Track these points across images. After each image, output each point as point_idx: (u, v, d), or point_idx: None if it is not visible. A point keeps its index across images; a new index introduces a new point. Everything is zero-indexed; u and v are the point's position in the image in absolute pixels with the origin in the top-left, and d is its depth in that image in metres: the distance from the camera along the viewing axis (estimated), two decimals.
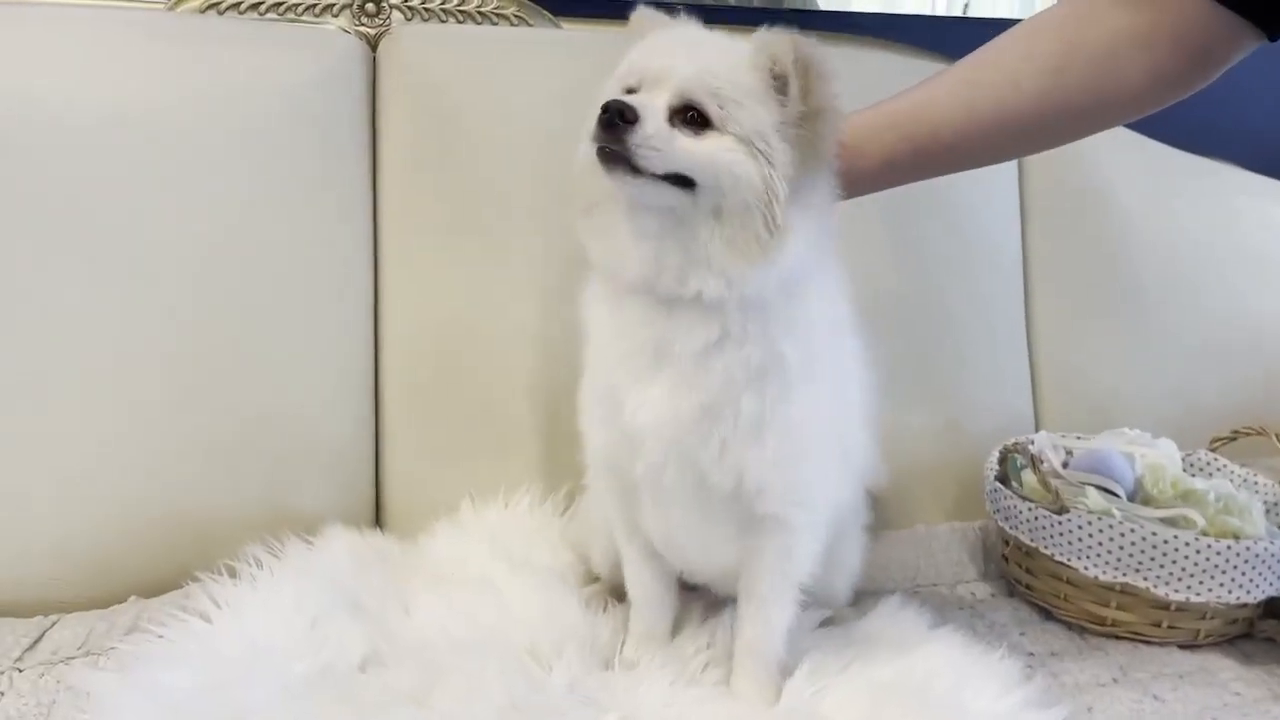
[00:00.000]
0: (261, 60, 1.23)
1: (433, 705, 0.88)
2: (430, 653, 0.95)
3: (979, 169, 1.24)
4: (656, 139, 0.76)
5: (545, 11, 1.38)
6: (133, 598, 1.07)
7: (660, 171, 0.77)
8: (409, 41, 1.29)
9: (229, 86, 1.19)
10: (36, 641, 1.00)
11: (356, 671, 0.92)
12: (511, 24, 1.36)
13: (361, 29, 1.30)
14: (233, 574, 1.00)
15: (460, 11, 1.35)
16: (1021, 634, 1.15)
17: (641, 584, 0.99)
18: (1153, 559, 1.06)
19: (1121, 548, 1.07)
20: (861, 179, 0.94)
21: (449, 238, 1.26)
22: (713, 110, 0.78)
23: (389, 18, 1.31)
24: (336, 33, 1.29)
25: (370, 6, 1.30)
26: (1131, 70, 0.91)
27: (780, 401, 0.84)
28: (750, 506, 0.88)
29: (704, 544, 0.95)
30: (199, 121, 1.17)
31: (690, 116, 0.78)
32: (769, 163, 0.78)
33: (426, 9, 1.33)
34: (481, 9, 1.35)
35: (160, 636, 0.92)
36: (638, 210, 0.81)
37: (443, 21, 1.34)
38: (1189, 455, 1.33)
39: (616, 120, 0.75)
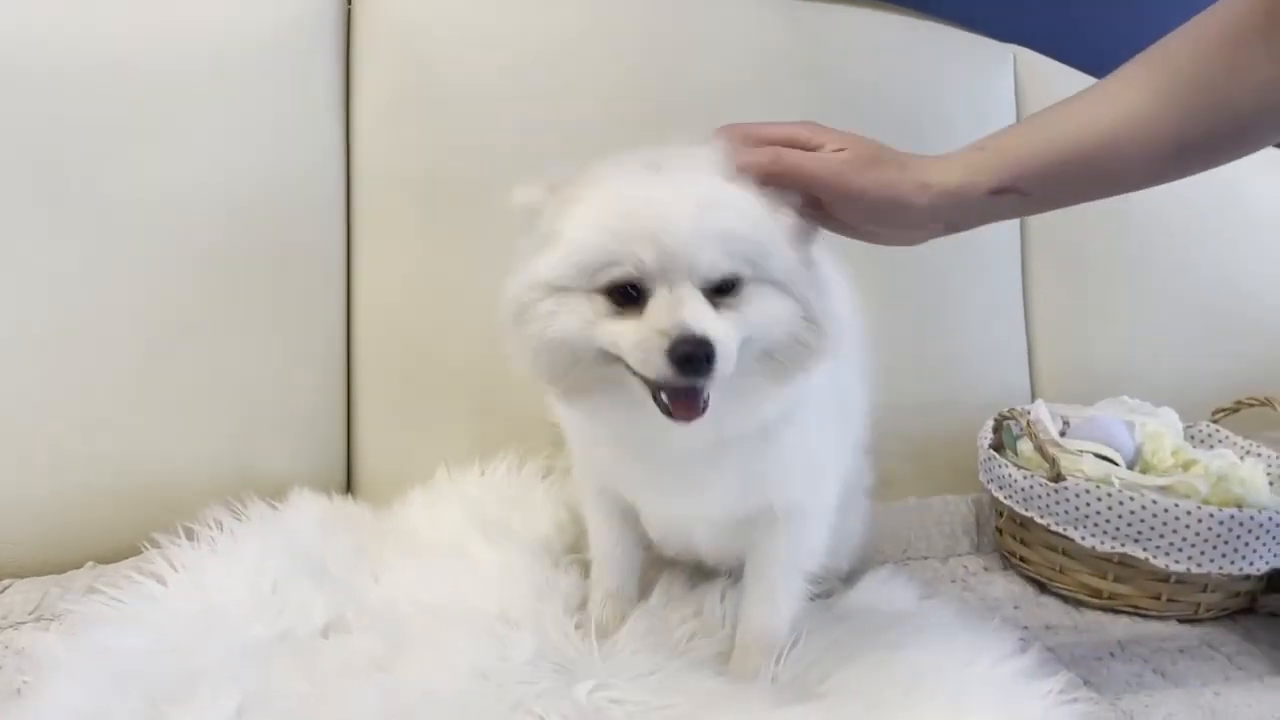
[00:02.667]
0: (233, 5, 1.17)
1: (397, 672, 0.84)
2: (397, 619, 0.91)
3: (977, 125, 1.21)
4: (729, 347, 0.68)
5: None
6: (90, 563, 1.03)
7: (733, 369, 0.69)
8: None
9: (198, 32, 1.14)
10: None
11: (318, 637, 0.88)
12: None
13: None
14: (190, 536, 0.96)
15: None
16: (1016, 607, 1.11)
17: (609, 544, 0.95)
18: (1152, 528, 1.02)
19: (1120, 516, 1.03)
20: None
21: (425, 192, 1.21)
22: (746, 274, 0.71)
23: None
24: None
25: None
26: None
27: (792, 426, 0.80)
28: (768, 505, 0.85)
29: (710, 535, 0.92)
30: (168, 68, 1.12)
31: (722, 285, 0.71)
32: (805, 289, 0.73)
33: None
34: None
35: (112, 599, 0.87)
36: None
37: None
38: (1191, 426, 1.29)
39: (701, 362, 0.67)
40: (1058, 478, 1.05)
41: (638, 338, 0.68)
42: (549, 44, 1.26)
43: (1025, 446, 1.14)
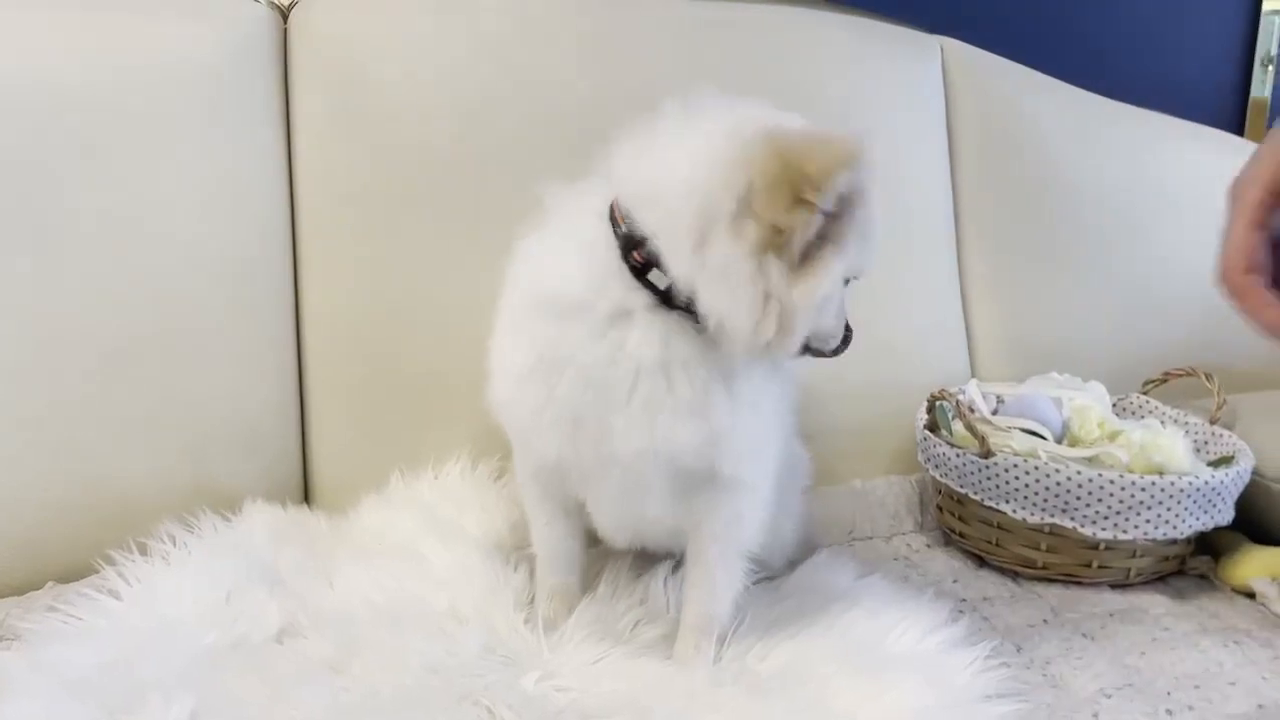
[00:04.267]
0: (172, 30, 1.19)
1: (350, 673, 0.87)
2: (350, 622, 0.94)
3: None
4: None
5: None
6: (50, 583, 1.05)
7: None
8: (321, 10, 1.27)
9: (138, 57, 1.16)
10: None
11: (273, 643, 0.91)
12: None
13: None
14: (144, 551, 0.98)
15: None
16: (955, 581, 1.15)
17: (554, 542, 0.98)
18: (1079, 499, 1.06)
19: (1048, 489, 1.06)
20: None
21: (368, 204, 1.24)
22: None
23: None
24: (247, 1, 1.26)
25: None
26: None
27: (746, 381, 0.84)
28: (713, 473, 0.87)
29: (655, 517, 0.93)
30: (108, 92, 1.13)
31: None
32: None
33: None
34: None
35: (67, 616, 0.89)
36: None
37: None
38: (1121, 399, 1.34)
39: None
40: (987, 454, 1.08)
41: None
42: (481, 51, 1.28)
43: (959, 426, 1.18)
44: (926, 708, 0.84)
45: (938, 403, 1.20)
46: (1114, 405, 1.30)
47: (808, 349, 0.85)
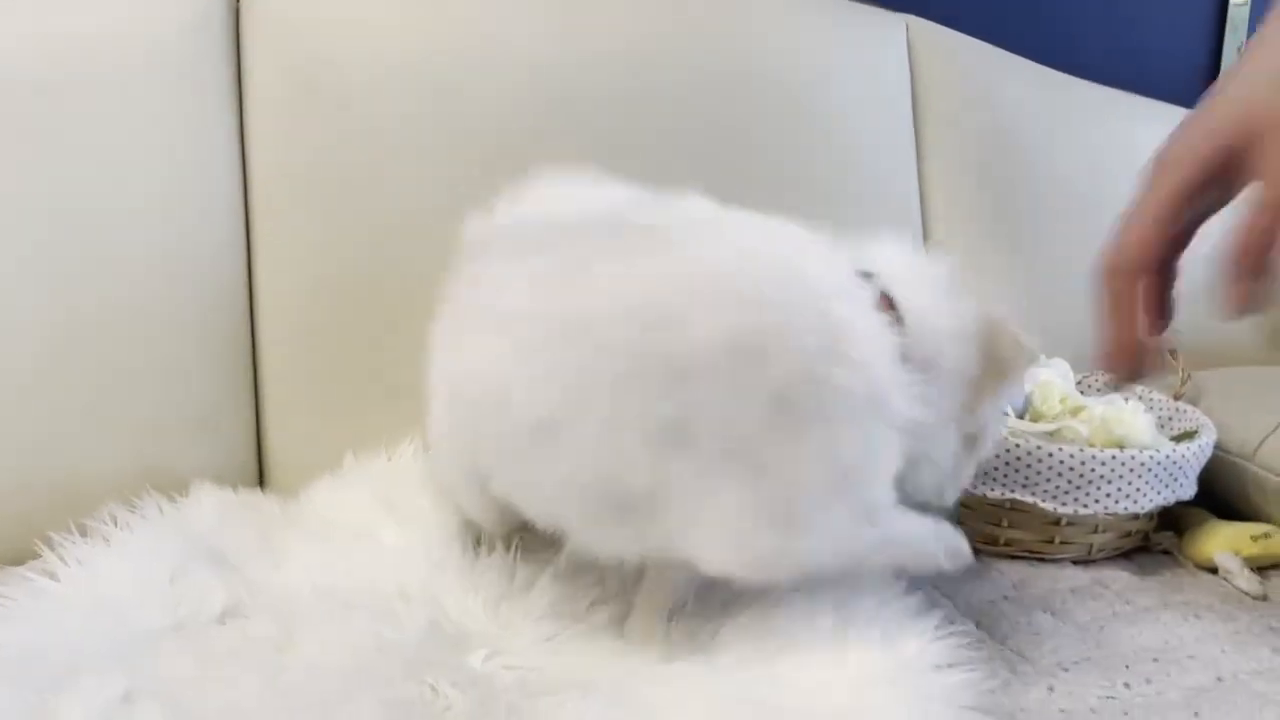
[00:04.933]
0: (120, 5, 1.18)
1: (293, 652, 0.85)
2: (296, 603, 0.92)
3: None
4: None
5: None
6: None
7: None
8: None
9: (83, 33, 1.14)
10: None
11: (214, 624, 0.89)
12: None
13: None
14: (85, 533, 0.96)
15: None
16: None
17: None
18: (1039, 473, 1.05)
19: (1008, 464, 1.05)
20: None
21: (322, 186, 1.22)
22: None
23: None
24: None
25: None
26: None
27: None
28: None
29: None
30: (51, 70, 1.11)
31: None
32: None
33: None
34: None
35: (1, 596, 0.88)
36: None
37: None
38: (1086, 377, 1.33)
39: None
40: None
41: None
42: (439, 35, 1.27)
43: None
44: (877, 677, 0.83)
45: None
46: (1079, 383, 1.29)
47: None
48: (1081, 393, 1.26)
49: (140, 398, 1.14)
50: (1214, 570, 1.11)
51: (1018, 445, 1.04)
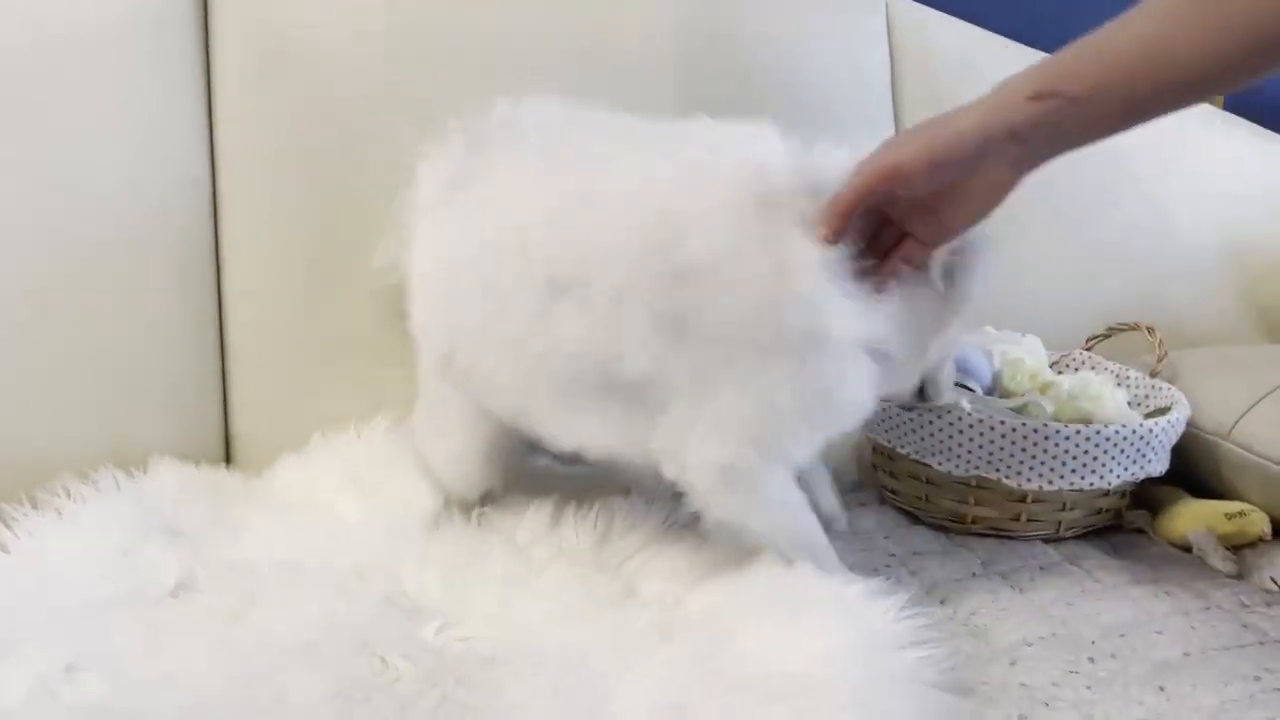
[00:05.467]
0: None
1: (243, 625, 0.84)
2: (250, 576, 0.91)
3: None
4: None
5: None
6: None
7: None
8: None
9: (46, 10, 1.13)
10: None
11: (166, 597, 0.88)
12: None
13: None
14: (35, 505, 0.95)
15: None
16: (886, 537, 1.12)
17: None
18: (1003, 449, 1.03)
19: (973, 440, 1.04)
20: None
21: (291, 161, 1.20)
22: None
23: None
24: None
25: None
26: None
27: None
28: None
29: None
30: (17, 42, 1.10)
31: None
32: None
33: None
34: None
35: None
36: None
37: None
38: (1064, 355, 1.31)
39: None
40: (911, 407, 1.06)
41: None
42: (407, 6, 1.26)
43: None
44: (838, 650, 0.81)
45: None
46: (1056, 362, 1.28)
47: None
48: (1059, 372, 1.24)
49: (106, 374, 1.13)
50: (1188, 549, 1.10)
51: (982, 421, 1.03)
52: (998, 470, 1.04)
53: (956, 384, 1.11)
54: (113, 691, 0.74)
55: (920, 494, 1.12)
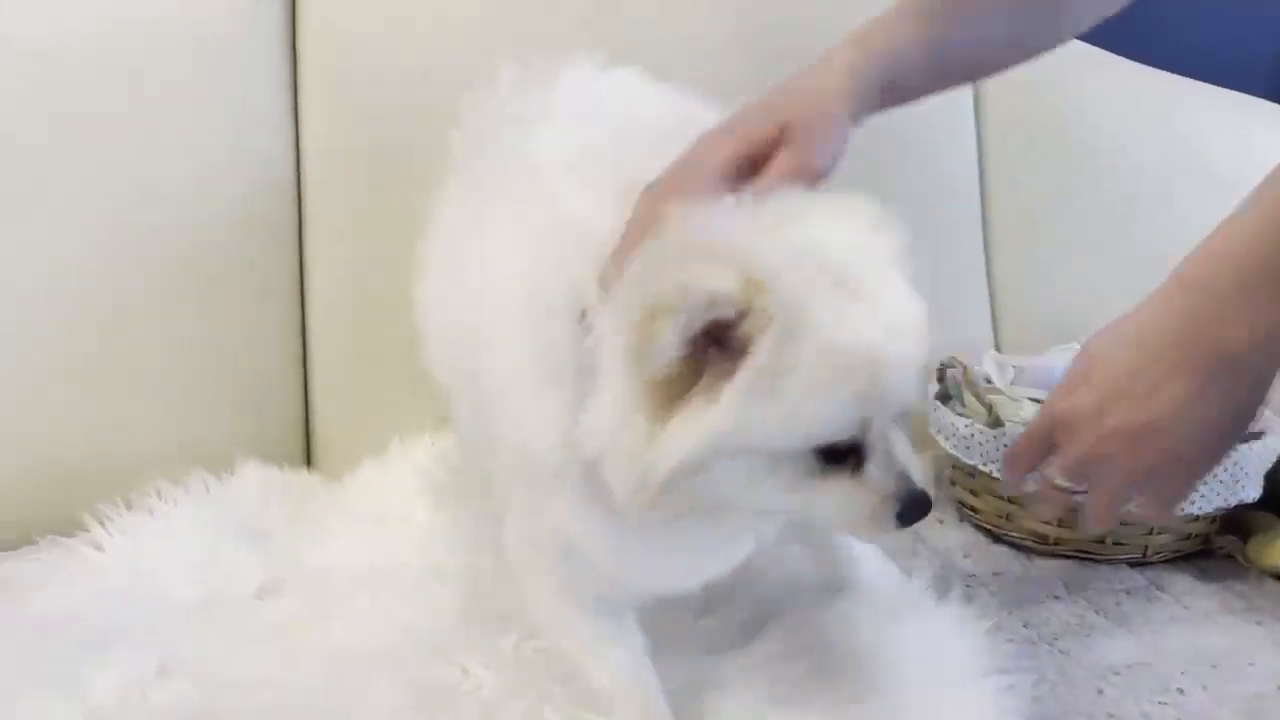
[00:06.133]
0: None
1: (325, 630, 0.85)
2: (332, 582, 0.93)
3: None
4: None
5: None
6: (48, 537, 1.05)
7: None
8: None
9: (146, 17, 1.16)
10: None
11: (250, 600, 0.90)
12: None
13: None
14: (129, 505, 0.98)
15: None
16: (965, 556, 1.11)
17: (634, 667, 0.78)
18: None
19: None
20: None
21: (374, 163, 1.21)
22: None
23: None
24: None
25: None
26: None
27: None
28: None
29: None
30: (117, 54, 1.13)
31: None
32: None
33: None
34: None
35: (48, 564, 0.90)
36: None
37: None
38: None
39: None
40: (996, 423, 1.04)
41: (855, 505, 0.61)
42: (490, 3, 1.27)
43: (970, 397, 1.13)
44: (924, 681, 0.80)
45: (947, 370, 1.15)
46: None
47: None
48: None
49: (192, 378, 1.15)
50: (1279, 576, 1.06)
51: None
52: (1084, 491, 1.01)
53: (1040, 400, 1.09)
54: (200, 693, 0.76)
55: (1002, 512, 1.10)
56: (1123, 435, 0.66)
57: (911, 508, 0.62)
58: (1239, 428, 0.67)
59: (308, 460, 1.22)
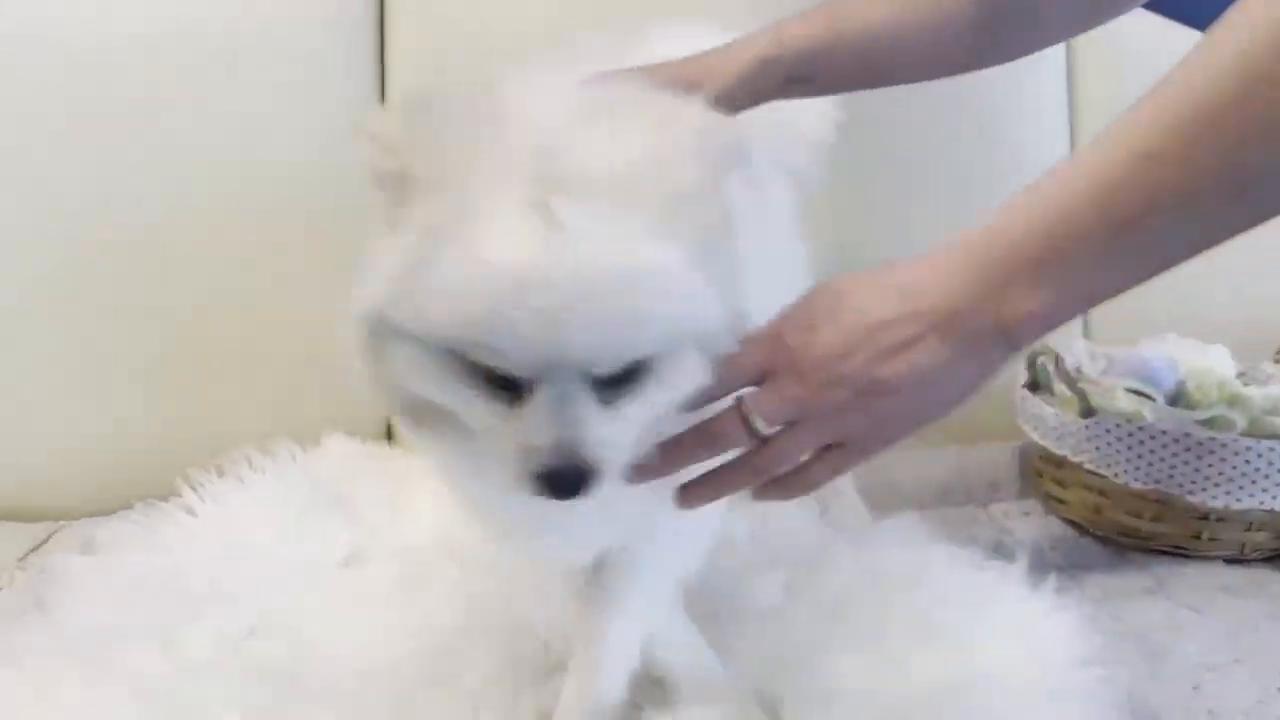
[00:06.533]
0: None
1: (412, 600, 0.87)
2: (417, 553, 0.94)
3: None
4: (619, 458, 0.58)
5: None
6: (141, 503, 1.08)
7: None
8: None
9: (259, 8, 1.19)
10: (43, 542, 1.01)
11: (338, 567, 0.91)
12: None
13: None
14: (221, 473, 1.00)
15: None
16: (1052, 549, 1.08)
17: None
18: (1187, 464, 0.98)
19: (1153, 452, 0.99)
20: None
21: None
22: (658, 351, 0.56)
23: None
24: None
25: None
26: None
27: None
28: None
29: None
30: (203, 37, 1.16)
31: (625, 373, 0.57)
32: (730, 330, 0.60)
33: None
34: None
35: (139, 525, 0.92)
36: None
37: None
38: (1251, 368, 1.23)
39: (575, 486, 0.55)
40: (1088, 413, 1.02)
41: (501, 438, 0.56)
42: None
43: (1061, 385, 1.11)
44: (1011, 671, 0.79)
45: (1038, 359, 1.13)
46: (1242, 374, 1.20)
47: None
48: (1245, 385, 1.17)
49: (275, 346, 1.17)
50: None
51: (1164, 433, 0.98)
52: (1180, 486, 0.98)
53: (1136, 391, 1.06)
54: (290, 655, 0.77)
55: (1091, 505, 1.08)
56: (853, 385, 0.59)
57: (552, 471, 0.54)
58: (962, 404, 0.63)
59: (389, 434, 1.24)
